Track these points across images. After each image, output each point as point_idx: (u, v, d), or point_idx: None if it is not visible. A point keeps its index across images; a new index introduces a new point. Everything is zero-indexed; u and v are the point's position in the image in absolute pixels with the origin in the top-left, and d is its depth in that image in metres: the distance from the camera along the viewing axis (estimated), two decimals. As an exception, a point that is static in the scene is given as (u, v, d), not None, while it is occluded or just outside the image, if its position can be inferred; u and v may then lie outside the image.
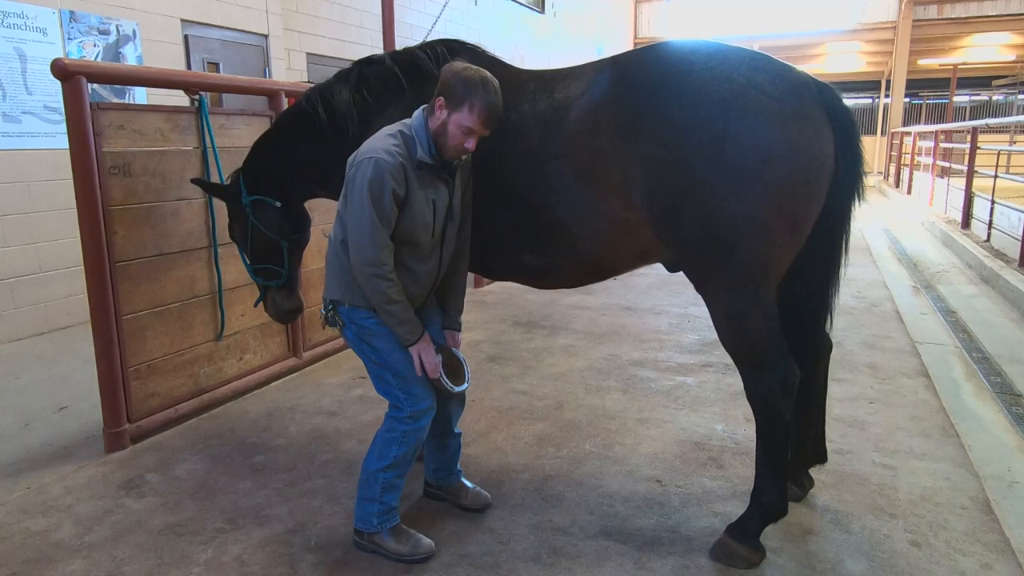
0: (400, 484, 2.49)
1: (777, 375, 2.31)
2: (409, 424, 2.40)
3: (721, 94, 2.15)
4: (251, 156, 3.15)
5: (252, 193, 3.07)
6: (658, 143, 2.22)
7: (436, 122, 2.28)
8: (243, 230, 3.15)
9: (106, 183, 3.27)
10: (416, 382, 2.39)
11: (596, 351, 4.83)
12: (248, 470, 3.16)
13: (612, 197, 2.35)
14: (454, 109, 2.23)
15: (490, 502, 2.80)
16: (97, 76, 3.47)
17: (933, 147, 12.71)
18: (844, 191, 2.32)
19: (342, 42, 8.66)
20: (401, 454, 2.42)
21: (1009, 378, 4.21)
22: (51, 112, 5.21)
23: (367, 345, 2.41)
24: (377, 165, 2.20)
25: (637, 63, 2.38)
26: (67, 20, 5.33)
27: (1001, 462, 3.16)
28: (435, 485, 2.85)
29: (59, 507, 2.86)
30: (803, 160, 2.16)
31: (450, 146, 2.28)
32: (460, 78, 2.22)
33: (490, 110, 2.23)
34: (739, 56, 2.25)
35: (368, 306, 2.36)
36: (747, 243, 2.20)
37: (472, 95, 2.21)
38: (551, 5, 15.65)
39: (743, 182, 2.14)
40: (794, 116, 2.15)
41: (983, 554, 2.48)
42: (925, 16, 18.68)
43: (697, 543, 2.55)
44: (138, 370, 3.47)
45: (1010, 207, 7.38)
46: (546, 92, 2.51)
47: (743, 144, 2.12)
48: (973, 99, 28.17)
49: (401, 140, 2.29)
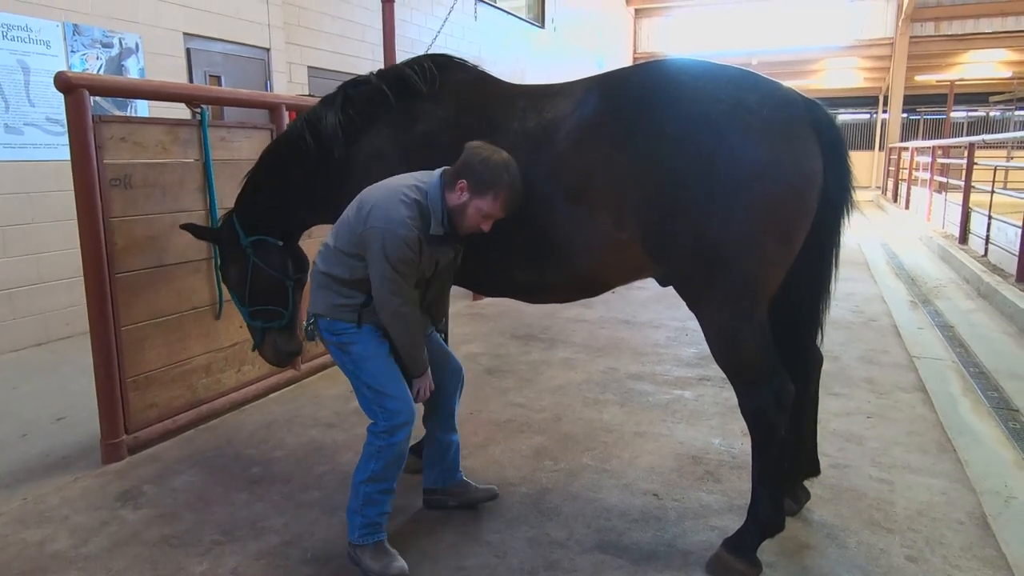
0: (382, 500, 2.45)
1: (771, 390, 2.32)
2: (383, 439, 2.39)
3: (710, 113, 2.17)
4: (243, 196, 3.07)
5: (250, 234, 2.99)
6: (648, 161, 2.24)
7: (456, 201, 2.33)
8: (242, 273, 3.02)
9: (107, 195, 3.29)
10: (389, 397, 2.39)
11: (594, 364, 4.84)
12: (245, 482, 3.16)
13: (603, 215, 2.36)
14: (477, 195, 2.28)
15: (497, 493, 2.89)
16: (99, 89, 3.50)
17: (931, 162, 12.77)
18: (834, 206, 2.34)
19: (343, 56, 8.72)
20: (378, 469, 2.40)
21: (1006, 393, 4.21)
22: (53, 124, 5.24)
23: (347, 355, 2.44)
24: (394, 238, 2.25)
25: (626, 83, 2.40)
26: (70, 33, 5.37)
27: (998, 477, 3.16)
28: (439, 489, 2.85)
29: (55, 518, 2.86)
30: (792, 176, 2.18)
31: (466, 226, 2.36)
32: (486, 165, 2.27)
33: (514, 198, 2.31)
34: (727, 75, 2.27)
35: (346, 319, 2.40)
36: (738, 260, 2.21)
37: (497, 184, 2.26)
38: (551, 20, 15.77)
39: (733, 199, 2.15)
40: (782, 133, 2.17)
41: (979, 569, 2.48)
42: (922, 33, 18.84)
43: (694, 557, 2.55)
44: (136, 381, 3.47)
45: (1007, 222, 7.41)
46: (535, 110, 2.52)
47: (733, 162, 2.14)
48: (970, 115, 28.29)
49: (417, 212, 2.31)
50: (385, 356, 2.44)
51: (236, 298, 3.10)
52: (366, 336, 2.42)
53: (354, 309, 2.41)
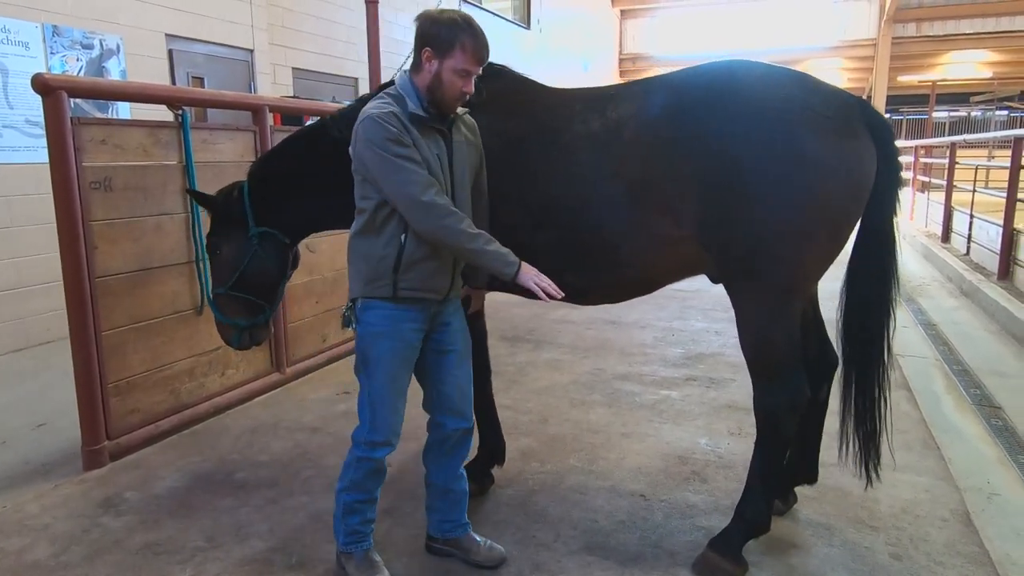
0: (363, 510, 2.39)
1: (787, 391, 2.36)
2: (363, 450, 2.32)
3: (779, 112, 2.23)
4: (261, 183, 2.85)
5: (259, 224, 2.80)
6: (716, 159, 2.27)
7: (427, 76, 2.18)
8: (237, 257, 2.82)
9: (87, 198, 3.24)
10: (380, 415, 2.29)
11: (581, 365, 4.83)
12: (229, 487, 3.13)
13: (663, 214, 2.39)
14: (445, 55, 2.15)
15: (505, 557, 2.54)
16: (78, 91, 3.45)
17: (913, 162, 12.90)
18: (886, 204, 2.39)
19: (328, 57, 8.67)
20: (357, 478, 2.34)
21: (988, 390, 4.26)
22: (32, 126, 5.17)
23: (360, 353, 2.31)
24: (369, 119, 2.11)
25: (691, 83, 2.43)
26: (50, 34, 5.31)
27: (981, 474, 3.18)
28: (441, 539, 2.57)
29: (35, 526, 2.82)
30: (852, 175, 2.26)
31: (448, 96, 2.19)
32: (440, 24, 2.16)
33: (481, 46, 2.18)
34: (790, 76, 2.35)
35: (381, 295, 2.24)
36: (793, 254, 2.28)
37: (460, 36, 2.14)
38: (537, 21, 15.77)
39: (797, 195, 2.21)
40: (845, 134, 2.25)
41: (963, 566, 2.50)
42: (904, 34, 19.01)
43: (680, 558, 2.55)
44: (118, 386, 3.43)
45: (988, 221, 7.49)
46: (597, 112, 2.51)
47: (800, 160, 2.20)
48: (952, 115, 28.61)
49: (389, 99, 2.21)
50: (399, 368, 2.30)
51: (218, 277, 2.90)
52: (388, 340, 2.27)
53: (388, 279, 2.22)
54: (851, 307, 2.54)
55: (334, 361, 4.90)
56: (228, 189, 2.92)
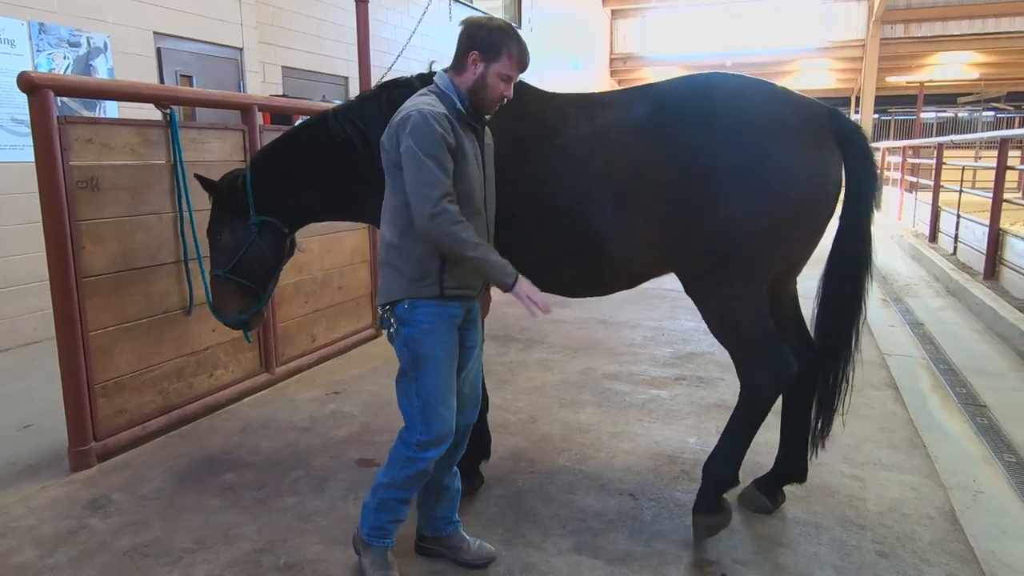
0: (397, 509, 2.39)
1: (770, 367, 2.52)
2: (414, 451, 2.31)
3: (752, 123, 2.41)
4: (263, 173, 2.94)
5: (261, 212, 2.91)
6: (690, 166, 2.42)
7: (471, 77, 2.28)
8: (237, 243, 2.93)
9: (73, 197, 3.22)
10: (436, 414, 2.28)
11: (571, 365, 4.84)
12: (218, 488, 3.11)
13: (644, 215, 2.53)
14: (492, 60, 2.26)
15: (494, 556, 2.55)
16: (65, 89, 3.42)
17: (901, 162, 12.99)
18: (861, 205, 2.58)
19: (318, 56, 8.64)
20: (399, 478, 2.34)
21: (974, 389, 4.29)
22: (18, 125, 5.12)
23: (410, 353, 2.29)
24: (420, 115, 2.16)
25: (670, 94, 2.59)
26: (36, 32, 5.26)
27: (966, 473, 3.21)
28: (431, 538, 2.58)
29: (21, 528, 2.79)
30: (816, 181, 2.43)
31: (489, 98, 2.30)
32: (489, 30, 2.27)
33: (525, 54, 2.31)
34: (763, 89, 2.53)
35: (433, 295, 2.26)
36: (757, 252, 2.45)
37: (507, 42, 2.26)
38: (528, 20, 15.78)
39: (769, 202, 2.38)
40: (813, 144, 2.43)
41: (948, 563, 2.52)
42: (892, 35, 19.16)
43: (670, 557, 2.56)
44: (105, 387, 3.40)
45: (975, 221, 7.55)
46: (587, 117, 2.66)
47: (772, 168, 2.37)
48: (939, 116, 28.84)
49: (435, 98, 2.28)
50: (448, 363, 2.32)
51: (217, 261, 2.99)
52: (438, 336, 2.29)
53: (434, 278, 2.26)
54: (825, 299, 2.72)
55: (324, 361, 4.89)
56: (232, 176, 3.03)
